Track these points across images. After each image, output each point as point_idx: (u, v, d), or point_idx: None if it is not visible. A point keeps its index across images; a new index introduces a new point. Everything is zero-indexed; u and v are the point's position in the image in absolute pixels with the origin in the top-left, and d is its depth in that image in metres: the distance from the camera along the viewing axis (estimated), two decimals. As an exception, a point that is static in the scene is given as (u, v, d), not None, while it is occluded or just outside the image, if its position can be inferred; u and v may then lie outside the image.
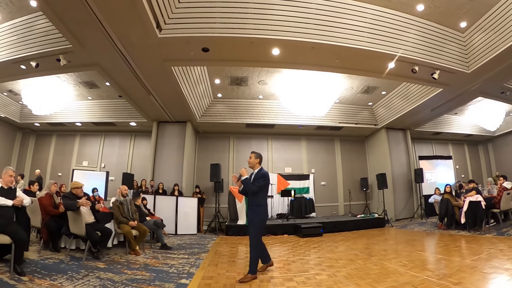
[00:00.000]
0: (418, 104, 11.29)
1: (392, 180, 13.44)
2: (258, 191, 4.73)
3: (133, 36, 6.71)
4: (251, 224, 4.73)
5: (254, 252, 4.57)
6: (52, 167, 15.18)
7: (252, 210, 4.77)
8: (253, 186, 4.71)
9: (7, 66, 8.39)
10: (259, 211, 4.71)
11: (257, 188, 4.71)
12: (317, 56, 7.62)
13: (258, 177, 4.78)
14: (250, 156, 5.00)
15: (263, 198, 4.85)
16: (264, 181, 4.78)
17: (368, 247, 7.30)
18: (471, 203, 8.37)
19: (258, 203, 4.74)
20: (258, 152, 5.06)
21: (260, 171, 4.87)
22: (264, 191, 4.85)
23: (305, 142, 15.35)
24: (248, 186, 4.74)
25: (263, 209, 4.76)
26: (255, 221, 4.67)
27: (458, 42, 8.29)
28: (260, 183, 4.73)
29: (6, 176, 4.71)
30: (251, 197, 4.84)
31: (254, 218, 4.69)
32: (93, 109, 13.59)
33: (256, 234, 4.65)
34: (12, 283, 3.87)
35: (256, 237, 4.63)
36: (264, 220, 4.82)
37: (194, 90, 10.57)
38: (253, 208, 4.76)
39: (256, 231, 4.67)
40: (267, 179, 4.85)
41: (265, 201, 4.91)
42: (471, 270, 4.48)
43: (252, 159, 4.95)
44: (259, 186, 4.72)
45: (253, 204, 4.78)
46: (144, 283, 4.31)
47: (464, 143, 17.67)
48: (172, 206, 10.31)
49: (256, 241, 4.61)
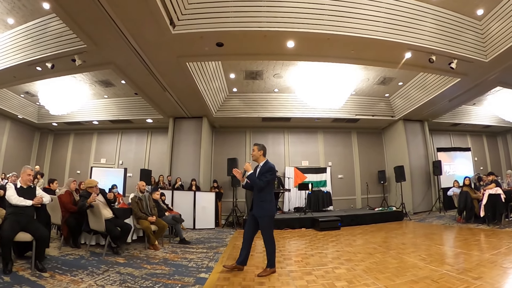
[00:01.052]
0: (436, 94, 11.06)
1: (410, 172, 13.25)
2: (265, 186, 4.56)
3: (147, 33, 6.74)
4: (261, 221, 4.53)
5: (270, 246, 4.51)
6: (71, 165, 15.50)
7: (259, 207, 4.55)
8: (260, 181, 4.49)
9: (22, 68, 8.58)
10: (266, 207, 4.54)
11: (265, 183, 4.50)
12: (333, 47, 7.54)
13: (264, 171, 4.59)
14: (253, 148, 4.78)
15: (270, 193, 4.67)
16: (271, 175, 4.59)
17: (386, 241, 7.22)
18: (490, 196, 8.20)
19: (265, 199, 4.55)
20: (261, 144, 4.82)
21: (266, 164, 4.67)
22: (270, 185, 4.68)
23: (321, 135, 15.24)
24: (255, 181, 4.51)
25: (270, 204, 4.60)
26: (263, 218, 4.51)
27: (475, 30, 8.08)
28: (267, 177, 4.54)
29: (24, 175, 4.79)
30: (257, 192, 4.58)
31: (262, 214, 4.52)
32: (109, 107, 13.81)
33: (268, 229, 4.54)
34: (33, 280, 3.93)
35: (269, 232, 4.53)
36: (273, 215, 4.67)
37: (209, 85, 10.58)
38: (260, 204, 4.56)
39: (267, 227, 4.54)
40: (274, 173, 4.66)
41: (272, 196, 4.71)
42: (491, 265, 4.40)
43: (256, 151, 4.72)
44: (266, 180, 4.52)
45: (259, 199, 4.56)
46: (164, 277, 4.35)
47: (482, 134, 17.29)
48: (190, 201, 10.38)
49: (270, 236, 4.51)
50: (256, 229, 4.68)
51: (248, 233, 4.71)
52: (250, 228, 4.70)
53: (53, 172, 15.10)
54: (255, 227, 4.66)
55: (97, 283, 3.92)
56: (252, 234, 4.72)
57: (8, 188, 4.57)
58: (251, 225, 4.68)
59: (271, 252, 4.53)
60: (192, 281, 4.18)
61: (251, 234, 4.71)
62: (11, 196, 4.47)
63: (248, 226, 4.72)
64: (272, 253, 4.53)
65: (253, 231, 4.70)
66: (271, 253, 4.53)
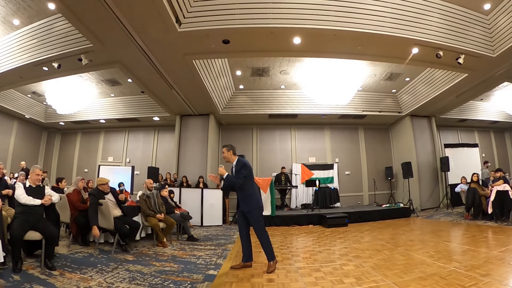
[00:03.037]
0: (443, 90, 10.97)
1: (417, 168, 13.16)
2: (244, 182, 4.63)
3: (152, 32, 6.75)
4: (250, 216, 4.61)
5: (264, 239, 4.52)
6: (78, 164, 15.63)
7: (245, 202, 4.65)
8: (238, 179, 4.60)
9: (29, 69, 8.65)
10: (252, 200, 4.63)
11: (242, 180, 4.59)
12: (339, 43, 7.51)
13: (238, 169, 4.69)
14: (222, 151, 4.90)
15: (251, 186, 4.76)
16: (246, 169, 4.66)
17: (394, 237, 7.19)
18: (498, 192, 8.15)
19: (248, 193, 4.65)
20: (229, 144, 4.95)
21: (238, 162, 4.78)
22: (250, 180, 4.74)
23: (328, 131, 15.20)
24: (233, 181, 4.63)
25: (255, 197, 4.70)
26: (252, 212, 4.58)
27: (483, 25, 8.00)
28: (243, 173, 4.62)
29: (33, 175, 4.83)
30: (239, 190, 4.69)
31: (250, 209, 4.59)
32: (116, 105, 13.88)
33: (259, 223, 4.57)
34: (43, 278, 3.96)
35: (260, 225, 4.56)
36: (261, 208, 4.75)
37: (216, 82, 10.59)
38: (244, 199, 4.65)
39: (257, 220, 4.57)
40: (248, 167, 4.72)
41: (254, 189, 4.83)
42: (499, 262, 4.38)
43: (225, 153, 4.85)
44: (243, 177, 4.60)
45: (243, 196, 4.67)
46: (173, 274, 4.37)
47: (490, 130, 17.08)
48: (197, 198, 10.39)
49: (261, 229, 4.54)
50: (249, 225, 4.75)
51: (243, 230, 4.78)
52: (242, 225, 4.78)
53: (61, 171, 15.23)
54: (247, 223, 4.73)
55: (106, 281, 3.94)
56: (247, 230, 4.79)
57: (17, 188, 4.61)
58: (243, 222, 4.76)
59: (266, 244, 4.53)
60: (201, 278, 4.19)
61: (245, 231, 4.78)
62: (20, 196, 4.50)
63: (241, 224, 4.81)
64: (267, 246, 4.53)
65: (246, 227, 4.77)
66: (267, 246, 4.53)
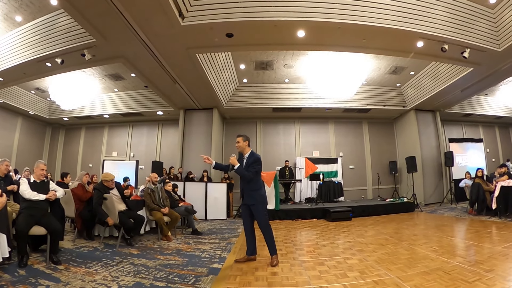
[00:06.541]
0: (448, 84, 10.89)
1: (421, 163, 13.12)
2: (254, 176, 4.63)
3: (156, 26, 6.73)
4: (254, 209, 4.60)
5: (267, 233, 4.53)
6: (83, 159, 15.72)
7: (250, 196, 4.64)
8: (249, 173, 4.58)
9: (32, 65, 8.66)
10: (257, 195, 4.61)
11: (254, 174, 4.59)
12: (343, 36, 7.45)
13: (251, 162, 4.65)
14: (237, 140, 4.80)
15: (258, 181, 4.74)
16: (258, 165, 4.65)
17: (398, 232, 7.18)
18: (502, 188, 8.08)
19: (254, 188, 4.64)
20: (245, 135, 4.87)
21: (252, 156, 4.73)
22: (258, 175, 4.74)
23: (332, 125, 15.15)
24: (244, 174, 4.59)
25: (260, 192, 4.67)
26: (257, 206, 4.57)
27: (488, 18, 7.91)
28: (255, 168, 4.61)
29: (37, 170, 4.85)
30: (246, 183, 4.70)
31: (255, 203, 4.58)
32: (120, 100, 13.91)
33: (263, 216, 4.57)
34: (48, 272, 3.98)
35: (264, 219, 4.56)
36: (265, 203, 4.73)
37: (219, 76, 10.56)
38: (250, 193, 4.64)
39: (262, 214, 4.57)
40: (260, 163, 4.71)
41: (260, 184, 4.78)
42: (503, 257, 4.37)
43: (241, 143, 4.77)
44: (255, 171, 4.61)
45: (249, 189, 4.65)
46: (177, 268, 4.39)
47: (495, 125, 17.01)
48: (201, 192, 10.43)
49: (265, 223, 4.54)
50: (253, 218, 4.74)
51: (247, 223, 4.77)
52: (247, 218, 4.76)
53: (65, 166, 15.36)
54: (251, 216, 4.72)
55: (111, 275, 3.97)
56: (251, 224, 4.78)
57: (22, 183, 4.62)
58: (247, 215, 4.74)
59: (269, 239, 4.54)
60: (206, 271, 4.21)
61: (250, 224, 4.77)
62: (25, 191, 4.52)
63: (245, 217, 4.78)
64: (271, 240, 4.54)
65: (250, 221, 4.76)
66: (270, 240, 4.54)
